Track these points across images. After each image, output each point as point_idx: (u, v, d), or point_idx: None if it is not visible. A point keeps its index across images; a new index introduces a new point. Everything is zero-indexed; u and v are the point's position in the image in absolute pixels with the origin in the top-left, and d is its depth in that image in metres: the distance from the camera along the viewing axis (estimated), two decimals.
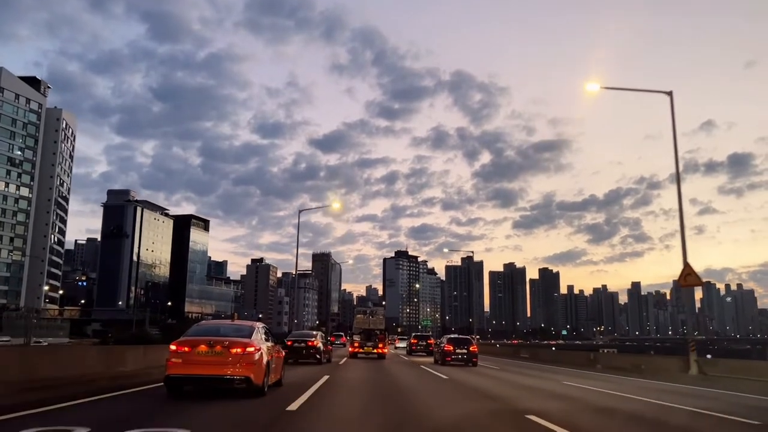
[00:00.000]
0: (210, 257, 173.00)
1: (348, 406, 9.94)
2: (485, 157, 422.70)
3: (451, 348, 25.67)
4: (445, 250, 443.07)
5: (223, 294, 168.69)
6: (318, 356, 22.67)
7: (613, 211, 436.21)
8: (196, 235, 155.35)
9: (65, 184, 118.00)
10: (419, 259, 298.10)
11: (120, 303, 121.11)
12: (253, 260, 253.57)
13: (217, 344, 9.50)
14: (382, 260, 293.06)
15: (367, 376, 17.15)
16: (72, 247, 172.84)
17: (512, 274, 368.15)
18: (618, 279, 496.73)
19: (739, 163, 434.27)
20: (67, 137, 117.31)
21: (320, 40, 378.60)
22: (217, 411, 8.09)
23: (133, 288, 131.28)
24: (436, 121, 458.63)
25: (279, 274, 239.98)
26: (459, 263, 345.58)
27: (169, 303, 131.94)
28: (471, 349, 25.97)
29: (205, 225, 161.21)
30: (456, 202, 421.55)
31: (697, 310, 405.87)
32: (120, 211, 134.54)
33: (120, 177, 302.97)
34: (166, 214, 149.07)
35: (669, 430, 8.44)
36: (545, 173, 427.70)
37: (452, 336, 29.53)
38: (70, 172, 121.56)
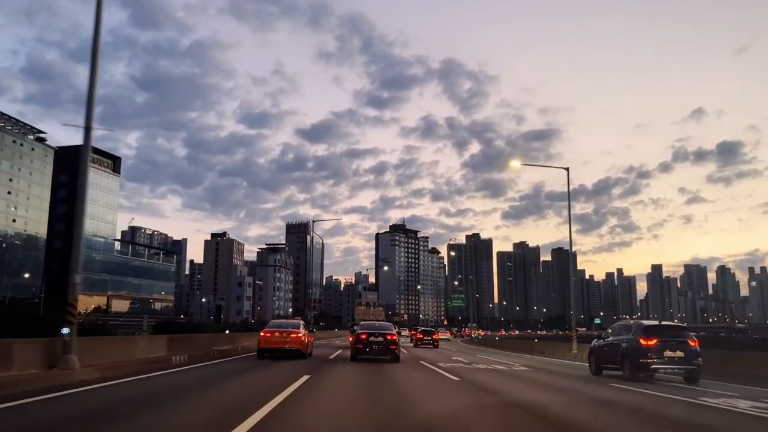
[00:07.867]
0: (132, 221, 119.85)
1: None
2: (474, 147, 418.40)
3: (421, 336, 40.78)
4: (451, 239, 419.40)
5: (148, 269, 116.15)
6: (397, 352, 19.99)
7: (602, 200, 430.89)
8: (97, 178, 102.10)
9: None
10: (419, 235, 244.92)
11: None
12: (213, 234, 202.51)
13: (283, 332, 19.56)
14: (374, 241, 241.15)
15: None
16: None
17: (524, 255, 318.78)
18: (606, 268, 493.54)
19: (728, 152, 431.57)
20: None
21: (306, 26, 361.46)
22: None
23: None
24: (426, 111, 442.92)
25: (252, 257, 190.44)
26: (463, 241, 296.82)
27: (27, 275, 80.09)
28: (434, 336, 40.80)
29: (113, 164, 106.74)
30: (445, 193, 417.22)
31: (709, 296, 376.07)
32: None
33: None
34: (41, 140, 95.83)
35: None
36: (535, 163, 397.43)
37: (422, 328, 50.31)
38: None
